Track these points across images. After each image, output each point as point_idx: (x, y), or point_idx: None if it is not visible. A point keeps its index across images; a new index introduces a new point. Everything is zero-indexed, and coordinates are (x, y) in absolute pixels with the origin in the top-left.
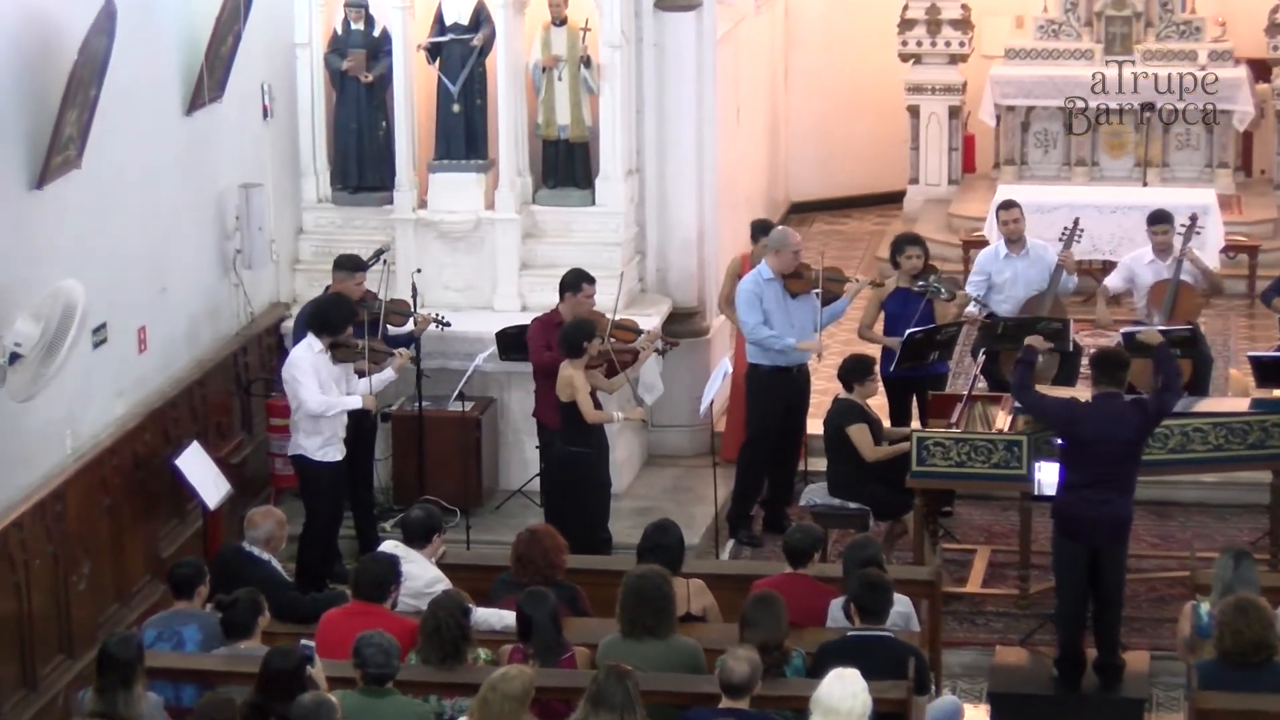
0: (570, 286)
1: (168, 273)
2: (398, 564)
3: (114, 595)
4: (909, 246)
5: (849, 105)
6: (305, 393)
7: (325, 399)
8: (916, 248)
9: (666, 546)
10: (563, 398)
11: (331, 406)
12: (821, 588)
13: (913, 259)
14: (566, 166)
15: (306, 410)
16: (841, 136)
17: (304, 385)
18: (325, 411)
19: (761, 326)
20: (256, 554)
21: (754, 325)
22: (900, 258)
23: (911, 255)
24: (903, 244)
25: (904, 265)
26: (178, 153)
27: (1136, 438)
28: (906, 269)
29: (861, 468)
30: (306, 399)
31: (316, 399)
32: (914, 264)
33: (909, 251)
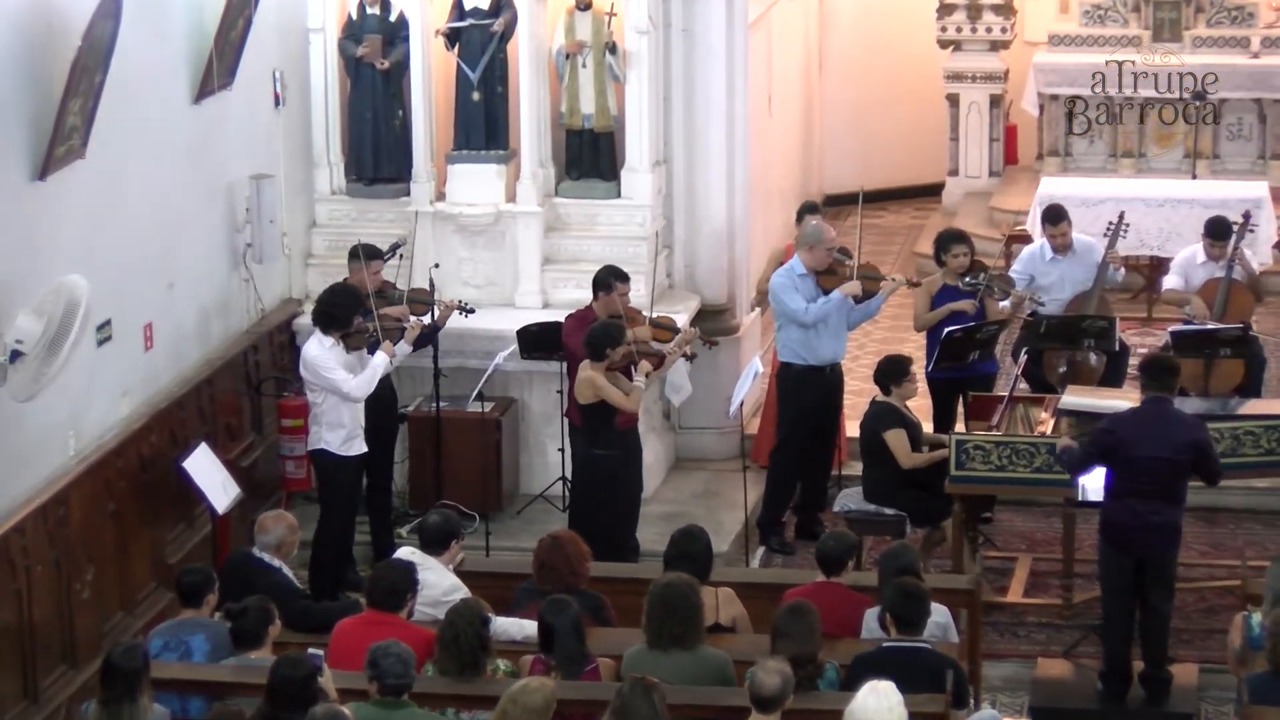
0: (602, 285)
1: (175, 267)
2: (414, 571)
3: (119, 603)
4: (954, 244)
5: (886, 94)
6: (343, 384)
7: (362, 379)
8: (962, 245)
9: (694, 554)
10: (582, 400)
11: (369, 381)
12: (856, 597)
13: (959, 257)
14: (591, 157)
15: (353, 398)
16: (878, 126)
17: (337, 377)
18: (368, 390)
19: (811, 306)
20: (267, 560)
21: (804, 309)
22: (946, 256)
23: (958, 253)
24: (948, 241)
25: (950, 263)
26: (186, 142)
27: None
28: (953, 267)
29: (898, 472)
30: (348, 389)
31: (355, 384)
32: (960, 262)
33: (954, 249)
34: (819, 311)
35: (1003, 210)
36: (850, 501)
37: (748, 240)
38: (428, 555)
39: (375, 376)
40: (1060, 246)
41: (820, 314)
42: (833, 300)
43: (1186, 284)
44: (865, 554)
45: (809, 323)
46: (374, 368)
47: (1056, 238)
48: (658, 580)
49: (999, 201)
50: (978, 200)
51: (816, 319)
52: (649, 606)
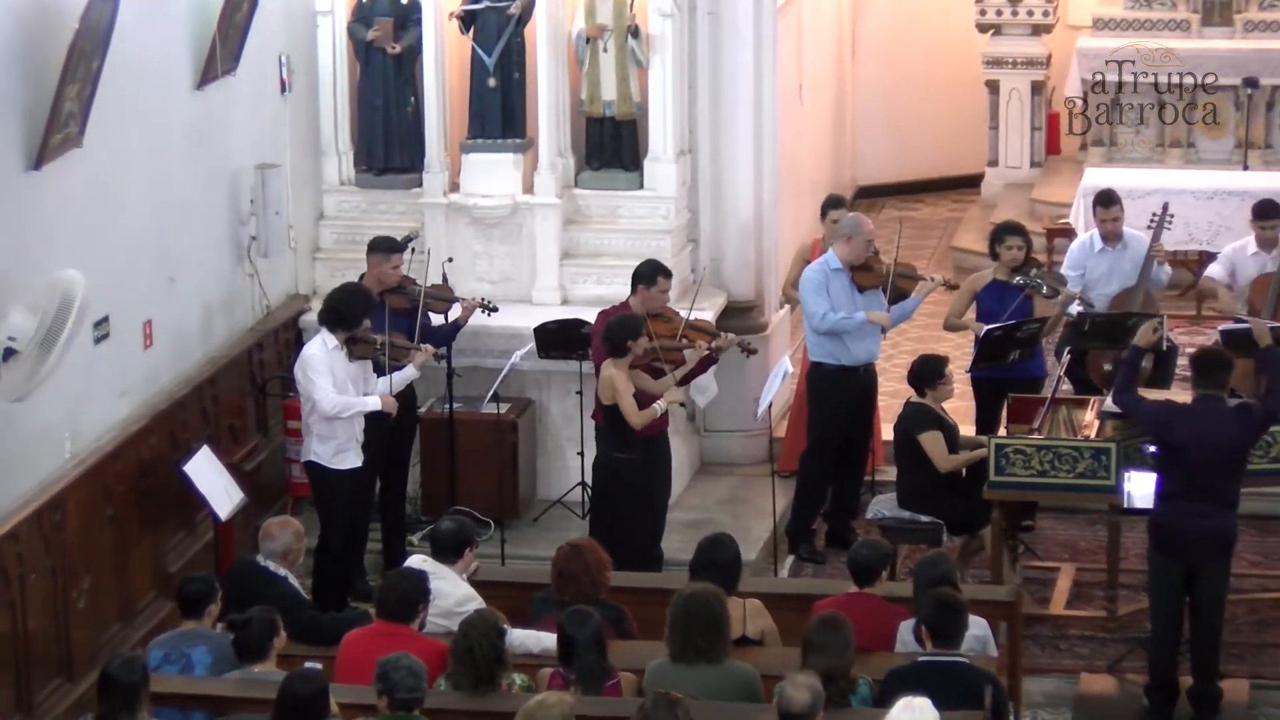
0: (645, 278)
1: (176, 262)
2: (425, 581)
3: (117, 613)
4: (1009, 236)
5: (922, 80)
6: (319, 392)
7: (339, 399)
8: (1018, 238)
9: (721, 563)
10: (604, 400)
11: (347, 407)
12: (890, 609)
13: (1013, 250)
14: (612, 146)
15: (320, 411)
16: (914, 115)
17: (317, 384)
18: (340, 413)
19: (830, 314)
20: (272, 569)
21: (823, 314)
22: (1000, 248)
23: (1012, 246)
24: (1003, 233)
25: (1003, 256)
26: (188, 130)
27: (1238, 447)
28: (1006, 260)
29: (934, 478)
30: (320, 399)
31: (330, 399)
32: (1014, 256)
33: (1009, 242)
34: (835, 324)
35: (1044, 202)
36: (884, 508)
37: (776, 234)
38: (440, 564)
39: (351, 408)
40: (1111, 234)
41: (835, 326)
42: (853, 321)
43: (1234, 276)
44: (900, 563)
45: (820, 330)
46: (360, 403)
47: (1108, 223)
48: (682, 590)
49: (1040, 193)
50: (1018, 192)
51: (830, 330)
52: (673, 618)
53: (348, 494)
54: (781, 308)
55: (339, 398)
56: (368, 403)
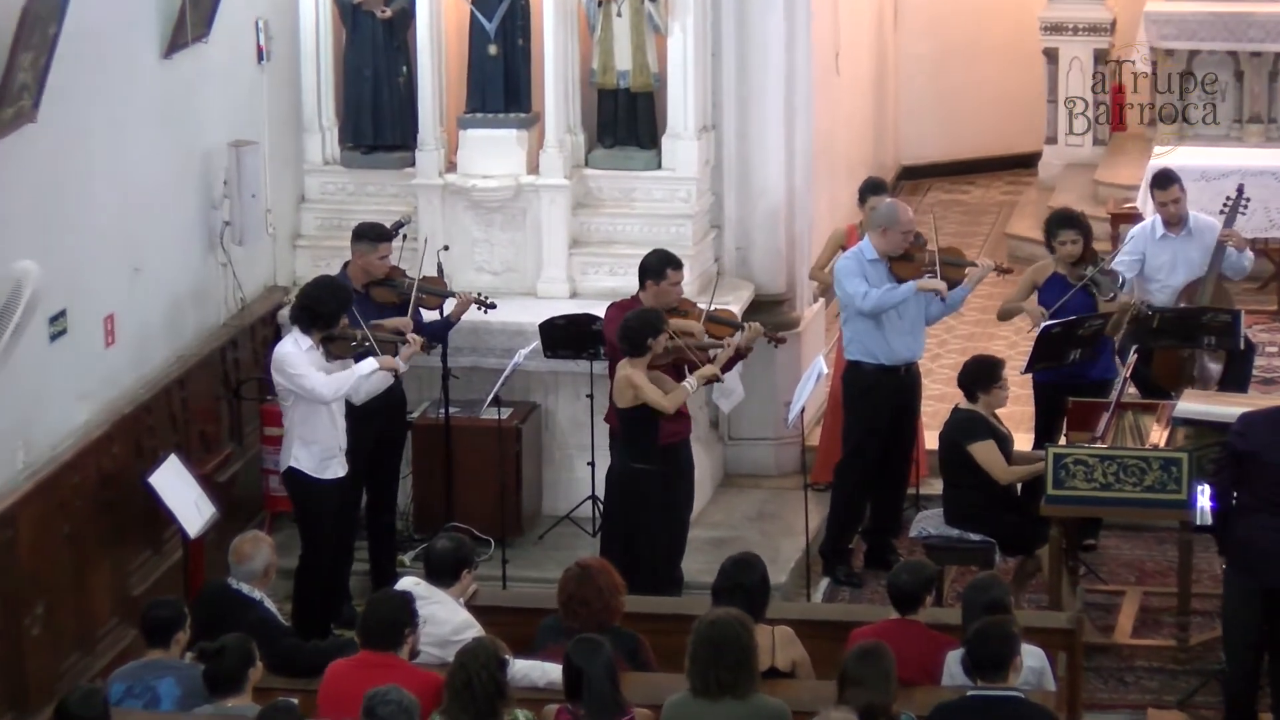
0: (652, 272)
1: (141, 250)
2: (411, 603)
3: (75, 642)
4: (1064, 229)
5: (972, 48)
6: (310, 381)
7: (337, 378)
8: (1072, 231)
9: (748, 586)
10: (620, 403)
11: (344, 382)
12: (936, 637)
13: (1068, 244)
14: (627, 122)
15: (321, 398)
16: (963, 87)
17: (305, 376)
18: (340, 392)
19: (872, 291)
20: (246, 592)
21: (864, 293)
22: (1054, 241)
23: (1066, 240)
24: (1056, 225)
25: (1059, 251)
26: (154, 104)
27: None
28: (1062, 255)
29: (985, 492)
30: (315, 387)
31: (327, 382)
32: (1069, 250)
33: (1063, 236)
34: (880, 300)
35: (1109, 184)
36: (929, 525)
37: (810, 219)
38: (435, 587)
39: (352, 381)
40: (1172, 219)
41: (880, 303)
42: (901, 291)
43: None
44: (947, 587)
45: (866, 310)
46: (353, 370)
47: (1168, 206)
48: (704, 617)
49: (1105, 174)
50: (1079, 173)
51: (875, 308)
52: (694, 647)
53: (333, 508)
54: (815, 300)
55: (335, 377)
56: (360, 369)
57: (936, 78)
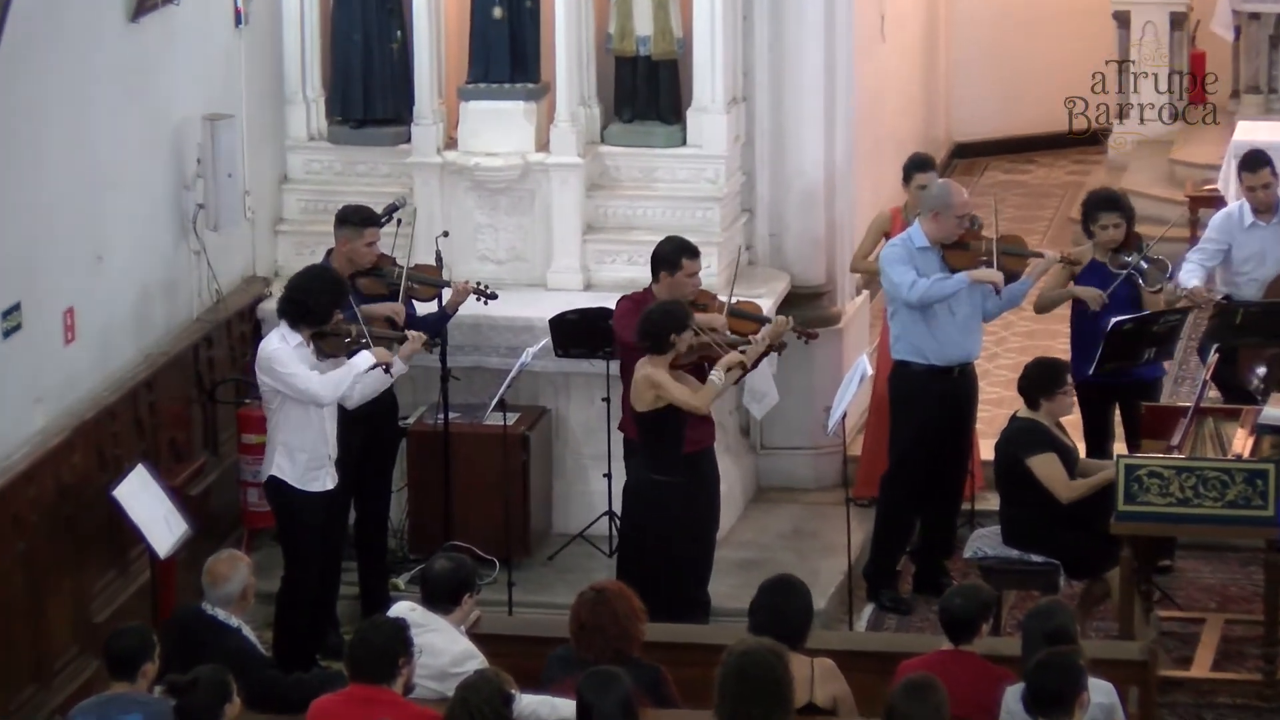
0: (666, 262)
1: (104, 236)
2: (405, 631)
3: (30, 673)
4: (1104, 212)
5: (1034, 11)
6: (303, 382)
7: (333, 377)
8: (1114, 214)
9: (788, 613)
10: (640, 406)
11: (341, 381)
12: (992, 670)
13: (1109, 229)
14: (647, 93)
15: (319, 401)
16: (1023, 54)
17: (297, 375)
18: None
19: (920, 280)
20: (222, 619)
21: (911, 283)
22: (1093, 225)
23: (1107, 223)
24: (1095, 207)
25: (1099, 236)
26: (119, 72)
27: None
28: (1102, 241)
29: (1047, 509)
30: (310, 388)
31: (322, 382)
32: (1110, 235)
33: (1103, 220)
34: (929, 290)
35: (1186, 164)
36: (985, 545)
37: (851, 202)
38: (432, 613)
39: (348, 379)
40: (1263, 205)
41: (929, 294)
42: (953, 282)
43: None
44: (1005, 614)
45: (912, 301)
46: (350, 366)
47: (1257, 191)
48: (734, 647)
49: (1181, 152)
50: (1154, 150)
51: (923, 299)
52: (722, 681)
53: (320, 524)
54: (858, 293)
55: (331, 375)
56: (356, 364)
57: (993, 44)
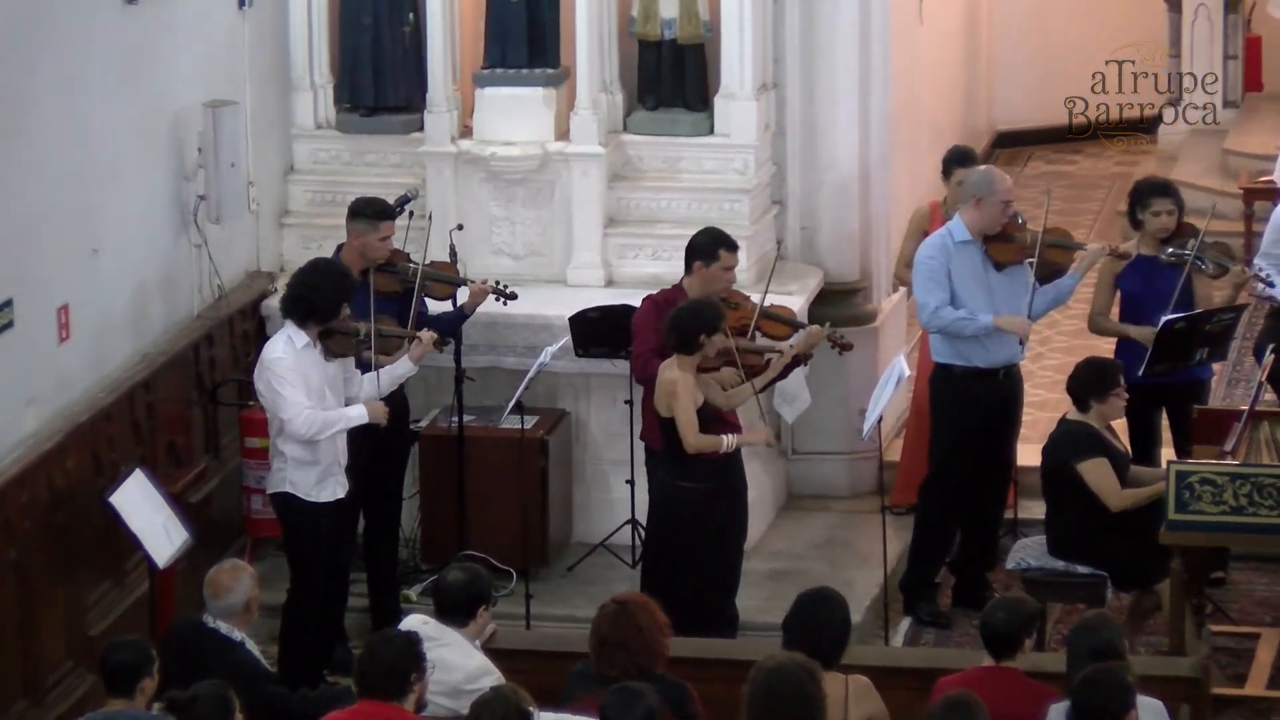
0: (702, 253)
1: (100, 229)
2: (417, 645)
3: (21, 688)
4: (1155, 199)
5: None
6: (288, 409)
7: (317, 416)
8: (1166, 200)
9: (821, 627)
10: (662, 410)
11: (327, 426)
12: (1036, 688)
13: (1160, 216)
14: (673, 79)
15: (292, 433)
16: (1068, 39)
17: (285, 398)
18: (318, 434)
19: (946, 309)
20: (224, 632)
21: (935, 308)
22: (1143, 214)
23: (1159, 210)
24: (1145, 195)
25: (1148, 225)
26: (115, 57)
27: None
28: (1152, 230)
29: (1095, 517)
30: (291, 418)
31: (304, 418)
32: (1161, 224)
33: (1155, 205)
34: (950, 323)
35: (1241, 154)
36: (1029, 556)
37: (888, 194)
38: (446, 627)
39: (335, 426)
40: None
41: (950, 327)
42: (974, 324)
43: None
44: (1050, 628)
45: (931, 329)
46: (342, 415)
47: None
48: (764, 663)
49: (1237, 142)
50: (1207, 139)
51: (941, 330)
52: (751, 698)
53: (329, 533)
54: (895, 291)
55: (316, 414)
56: (351, 415)
57: (1038, 27)
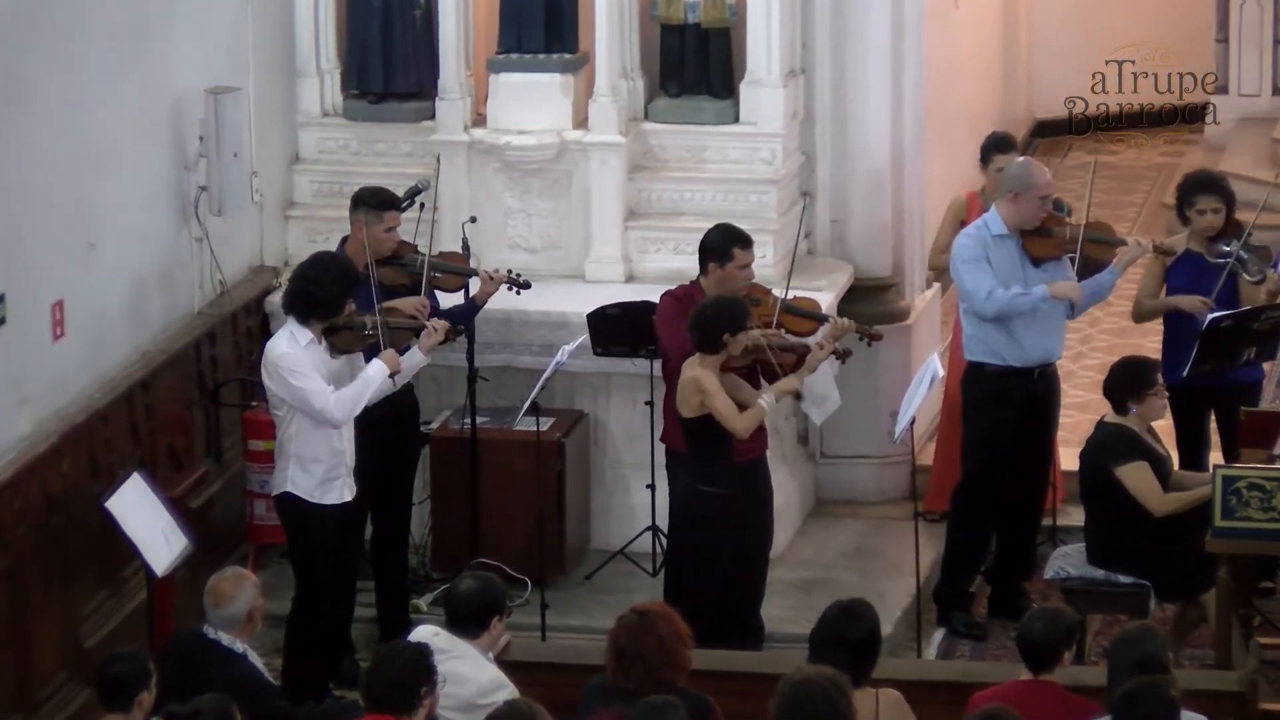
0: (715, 252)
1: (97, 222)
2: (428, 657)
3: (14, 702)
4: (1201, 195)
5: None
6: (317, 398)
7: (345, 395)
8: (1213, 197)
9: (854, 640)
10: (685, 411)
11: (359, 398)
12: (1076, 702)
13: (1206, 215)
14: (697, 64)
15: (330, 421)
16: (1111, 24)
17: (309, 389)
18: (354, 410)
19: (999, 291)
20: (226, 643)
21: (987, 292)
22: (1189, 210)
23: (1205, 209)
24: (1193, 190)
25: (1195, 222)
26: (113, 41)
27: None
28: (1199, 227)
29: (1137, 524)
30: (323, 406)
31: (334, 400)
32: (1208, 222)
33: (1201, 203)
34: (1007, 304)
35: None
36: (1068, 564)
37: (922, 185)
38: (458, 638)
39: (365, 395)
40: None
41: (1007, 308)
42: (1033, 296)
43: None
44: (1090, 640)
45: (987, 315)
46: (366, 380)
47: None
48: (791, 676)
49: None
50: (1256, 129)
51: (1000, 313)
52: (777, 714)
53: (337, 538)
54: (929, 286)
55: (343, 394)
56: (371, 375)
57: (1080, 10)
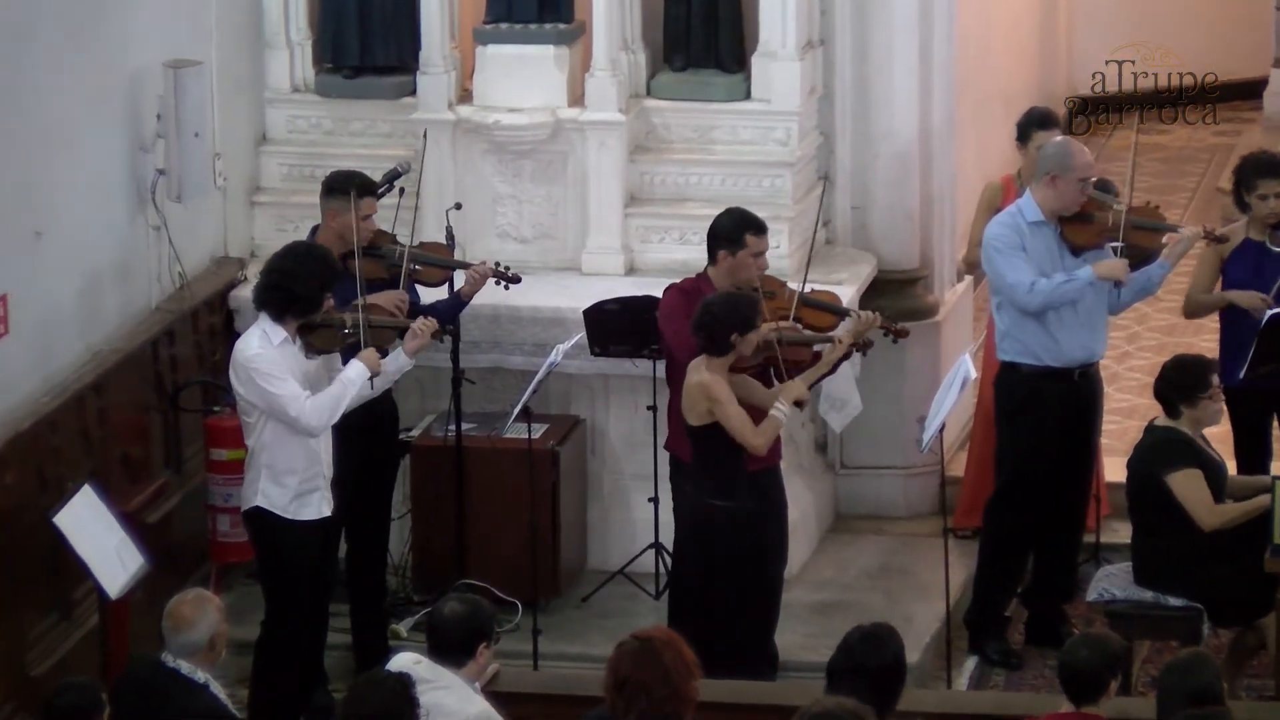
0: (726, 239)
1: (45, 208)
2: (409, 689)
3: None
4: (1262, 180)
5: None
6: (291, 404)
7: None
8: (1276, 182)
9: (876, 669)
10: (692, 419)
11: (337, 402)
12: None
13: (1269, 200)
14: (704, 36)
15: (305, 428)
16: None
17: (283, 394)
18: (333, 416)
19: (1041, 281)
20: (186, 672)
21: (1030, 284)
22: (1250, 195)
23: (1268, 192)
24: (1253, 173)
25: (1256, 208)
26: (63, 9)
27: None
28: (1260, 214)
29: (1189, 540)
30: (299, 414)
31: (310, 405)
32: (1270, 208)
33: (1262, 188)
34: (1051, 294)
35: None
36: (1113, 586)
37: (953, 169)
38: (441, 667)
39: (344, 400)
40: None
41: (1053, 297)
42: (1078, 280)
43: None
44: (1137, 669)
45: (1032, 308)
46: (345, 384)
47: None
48: (807, 708)
49: None
50: None
51: (1045, 304)
52: None
53: (312, 556)
54: (960, 279)
55: (320, 399)
56: (350, 378)
57: None
